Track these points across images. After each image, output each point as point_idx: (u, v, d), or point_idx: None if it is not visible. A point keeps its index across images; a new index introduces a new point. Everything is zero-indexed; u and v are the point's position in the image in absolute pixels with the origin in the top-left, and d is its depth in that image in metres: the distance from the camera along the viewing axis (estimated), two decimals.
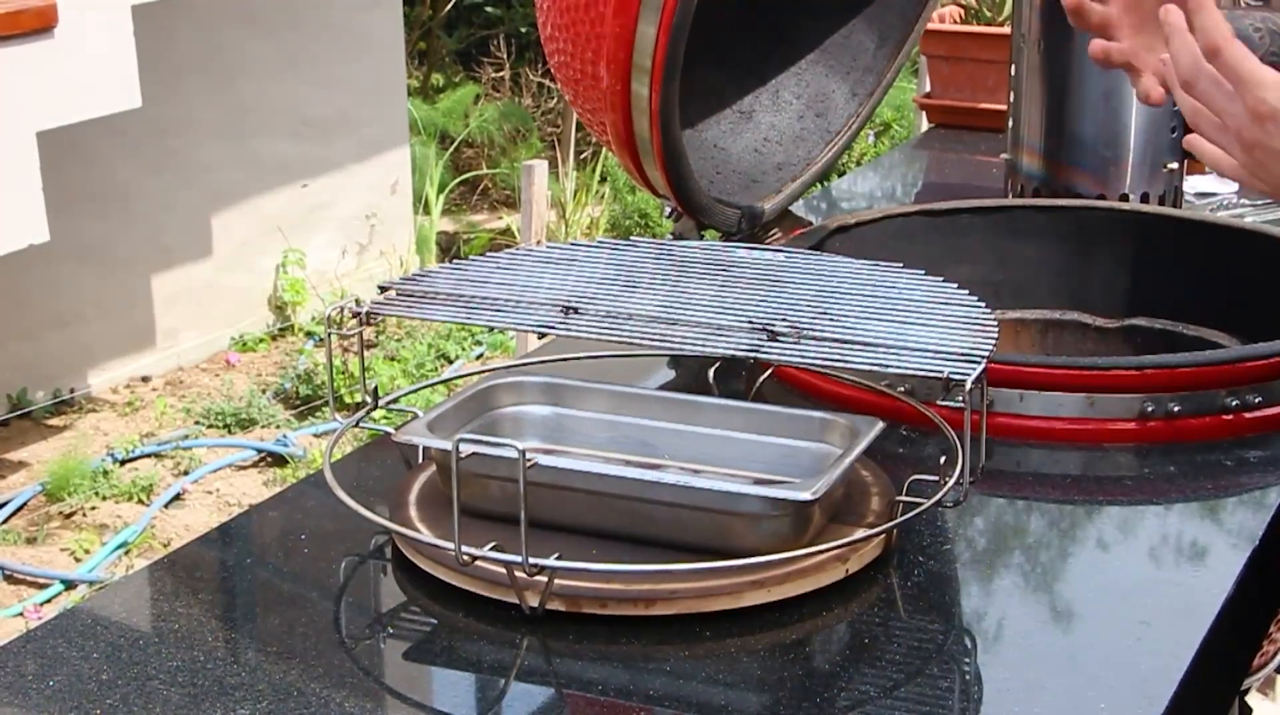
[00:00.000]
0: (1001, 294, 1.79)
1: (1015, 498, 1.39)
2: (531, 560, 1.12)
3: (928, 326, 1.28)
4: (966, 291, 1.35)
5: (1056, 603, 1.23)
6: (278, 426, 4.59)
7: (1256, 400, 1.44)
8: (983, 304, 1.32)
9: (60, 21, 3.50)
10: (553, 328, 1.29)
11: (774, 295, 1.34)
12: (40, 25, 3.47)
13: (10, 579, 3.80)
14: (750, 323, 1.28)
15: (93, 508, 4.09)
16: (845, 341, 1.25)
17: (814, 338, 1.26)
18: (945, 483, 1.22)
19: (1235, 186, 2.18)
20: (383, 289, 1.38)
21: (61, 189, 3.93)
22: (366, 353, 1.42)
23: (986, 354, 1.21)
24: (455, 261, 1.44)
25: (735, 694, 1.09)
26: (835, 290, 1.36)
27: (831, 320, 1.29)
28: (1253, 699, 1.88)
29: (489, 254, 1.43)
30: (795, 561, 1.16)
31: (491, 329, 4.13)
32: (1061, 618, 1.20)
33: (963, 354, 1.21)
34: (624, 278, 1.39)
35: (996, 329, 1.26)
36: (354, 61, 5.50)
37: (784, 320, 1.28)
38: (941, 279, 1.39)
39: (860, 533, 1.19)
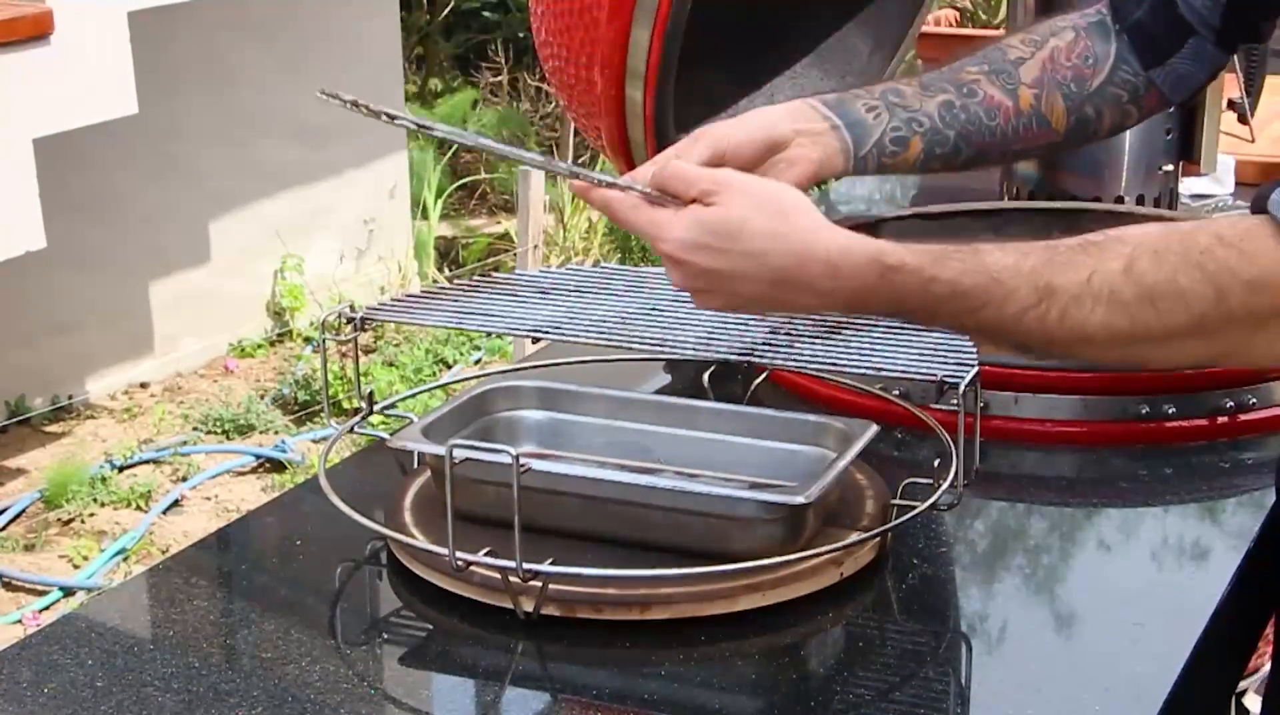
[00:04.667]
0: None
1: (1010, 500, 1.39)
2: (526, 565, 1.12)
3: (919, 332, 1.28)
4: None
5: (1052, 605, 1.23)
6: (276, 432, 4.59)
7: (1251, 402, 1.44)
8: None
9: (57, 28, 3.50)
10: (546, 333, 1.29)
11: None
12: (37, 32, 3.47)
13: (9, 586, 3.80)
14: (745, 326, 1.28)
15: (91, 514, 4.09)
16: (840, 345, 1.26)
17: (809, 341, 1.26)
18: (940, 486, 1.22)
19: (1231, 188, 2.18)
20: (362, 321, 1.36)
21: (59, 196, 3.92)
22: (364, 358, 1.42)
23: (979, 357, 1.21)
24: (439, 286, 1.43)
25: (730, 698, 1.09)
26: None
27: (826, 327, 1.29)
28: (1250, 701, 1.88)
29: (476, 279, 1.42)
30: (790, 565, 1.16)
31: (488, 334, 4.13)
32: (1057, 620, 1.20)
33: (957, 357, 1.22)
34: (616, 297, 1.38)
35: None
36: (352, 67, 5.50)
37: (777, 328, 1.28)
38: None
39: (855, 536, 1.20)
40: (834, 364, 1.24)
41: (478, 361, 5.13)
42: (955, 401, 1.16)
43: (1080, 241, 1.03)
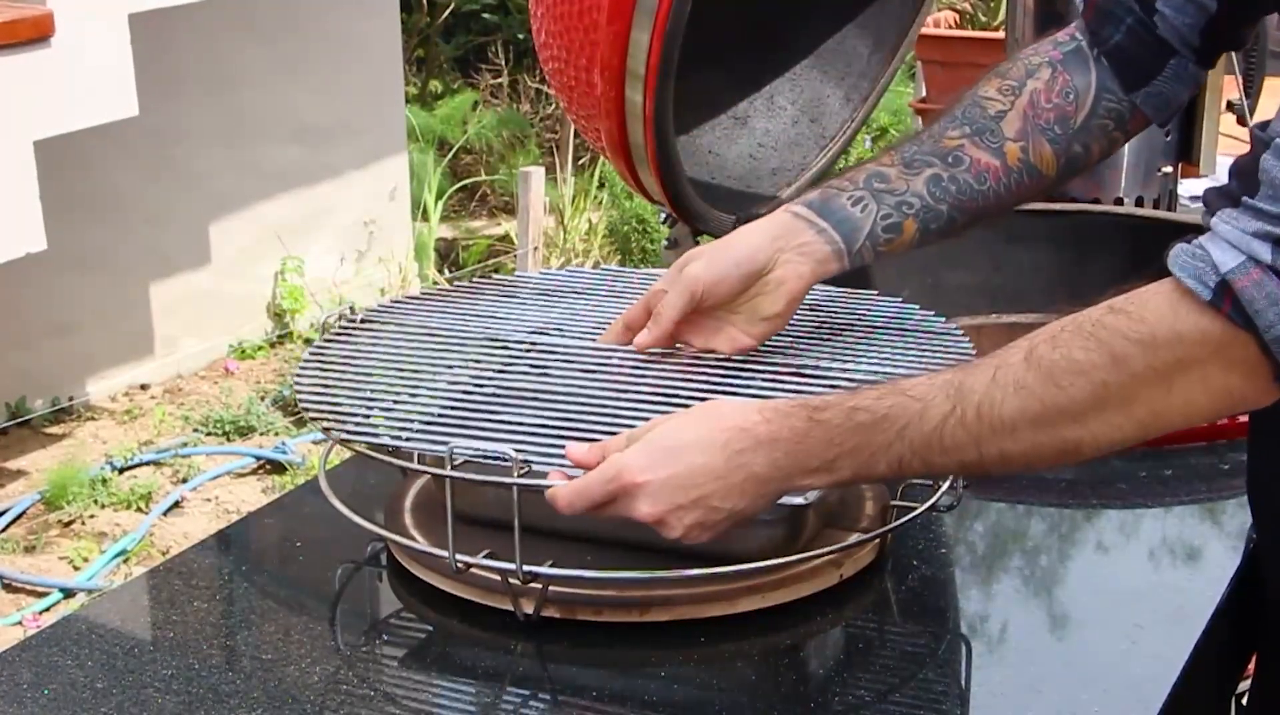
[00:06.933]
0: (997, 298, 1.79)
1: (1010, 502, 1.39)
2: (526, 567, 1.12)
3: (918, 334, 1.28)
4: (957, 329, 1.33)
5: (1051, 607, 1.23)
6: (276, 434, 4.59)
7: None
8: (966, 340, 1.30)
9: (57, 30, 3.50)
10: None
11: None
12: (37, 34, 3.46)
13: (9, 588, 3.80)
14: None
15: (91, 516, 4.09)
16: (840, 347, 1.26)
17: (809, 344, 1.26)
18: (939, 487, 1.22)
19: None
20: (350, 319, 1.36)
21: (59, 197, 3.92)
22: None
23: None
24: (440, 288, 1.43)
25: (730, 699, 1.09)
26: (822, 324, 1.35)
27: (826, 330, 1.29)
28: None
29: (477, 280, 1.40)
30: (790, 567, 1.16)
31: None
32: (1056, 622, 1.20)
33: (956, 357, 1.22)
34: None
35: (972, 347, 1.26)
36: (352, 69, 5.50)
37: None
38: (916, 306, 1.37)
39: (854, 538, 1.20)
40: (833, 366, 1.24)
41: None
42: None
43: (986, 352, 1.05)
